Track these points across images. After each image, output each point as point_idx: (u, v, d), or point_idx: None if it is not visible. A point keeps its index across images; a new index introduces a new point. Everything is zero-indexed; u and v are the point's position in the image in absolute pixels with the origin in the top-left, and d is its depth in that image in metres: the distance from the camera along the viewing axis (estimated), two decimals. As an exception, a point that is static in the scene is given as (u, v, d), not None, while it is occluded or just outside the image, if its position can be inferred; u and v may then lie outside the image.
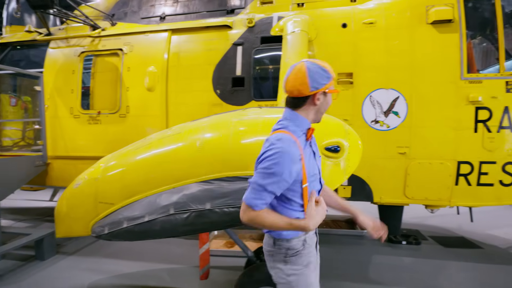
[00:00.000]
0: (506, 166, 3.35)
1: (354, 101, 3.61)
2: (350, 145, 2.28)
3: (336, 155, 2.17)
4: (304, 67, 1.47)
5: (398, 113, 3.52)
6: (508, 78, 3.29)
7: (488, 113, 3.33)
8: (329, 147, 2.15)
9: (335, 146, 2.16)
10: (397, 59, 3.52)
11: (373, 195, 3.70)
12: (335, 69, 3.68)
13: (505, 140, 3.31)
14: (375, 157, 3.60)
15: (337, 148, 2.16)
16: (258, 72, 4.07)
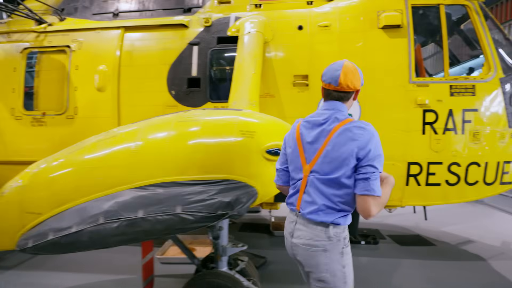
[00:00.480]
0: (451, 166, 3.50)
1: (309, 103, 3.62)
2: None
3: (277, 158, 2.12)
4: (354, 65, 1.73)
5: (351, 115, 3.57)
6: (452, 82, 3.45)
7: (435, 116, 3.46)
8: (270, 150, 2.10)
9: (275, 149, 2.11)
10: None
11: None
12: (290, 71, 3.68)
13: (450, 142, 3.46)
14: (331, 159, 3.62)
15: (277, 151, 2.11)
16: (214, 73, 3.98)
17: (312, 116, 1.74)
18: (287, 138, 1.82)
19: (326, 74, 1.69)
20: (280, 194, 3.90)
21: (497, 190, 3.57)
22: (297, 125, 1.77)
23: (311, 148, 1.61)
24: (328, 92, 1.69)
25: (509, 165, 3.50)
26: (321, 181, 1.57)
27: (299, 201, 1.65)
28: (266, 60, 3.68)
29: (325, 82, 1.68)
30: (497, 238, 4.86)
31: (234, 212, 1.96)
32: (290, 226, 1.70)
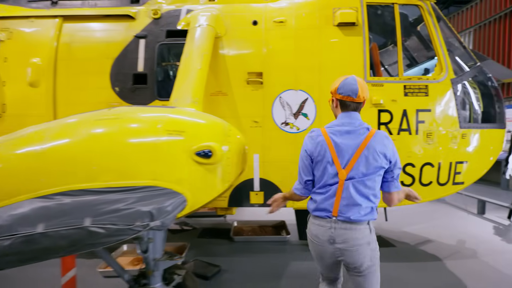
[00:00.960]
0: (406, 167, 3.47)
1: (264, 102, 3.45)
2: (230, 150, 2.05)
3: (208, 161, 1.90)
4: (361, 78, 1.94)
5: (307, 115, 3.44)
6: (406, 82, 3.42)
7: (389, 116, 3.41)
8: (199, 152, 1.88)
9: (206, 151, 1.89)
10: (306, 59, 3.44)
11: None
12: (244, 68, 3.48)
13: (405, 142, 3.42)
14: (287, 160, 3.47)
15: (208, 153, 1.89)
16: (162, 69, 3.71)
17: (337, 125, 1.86)
18: (314, 147, 1.85)
19: (343, 87, 1.85)
20: (235, 198, 3.75)
21: (450, 191, 3.59)
22: (324, 134, 1.84)
23: (346, 154, 1.76)
24: (347, 104, 1.85)
25: (461, 165, 3.53)
26: (360, 183, 1.74)
27: (336, 206, 1.75)
28: (219, 56, 3.47)
29: (342, 94, 1.84)
30: (453, 237, 4.95)
31: (157, 223, 1.71)
32: (326, 233, 1.77)
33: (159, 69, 3.60)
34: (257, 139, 3.45)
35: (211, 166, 1.92)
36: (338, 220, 1.73)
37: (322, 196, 1.79)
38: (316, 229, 1.81)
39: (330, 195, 1.76)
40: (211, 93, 3.45)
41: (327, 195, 1.77)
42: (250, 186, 3.53)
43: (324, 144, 1.79)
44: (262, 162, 3.47)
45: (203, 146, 1.88)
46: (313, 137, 1.86)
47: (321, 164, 1.79)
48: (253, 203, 3.58)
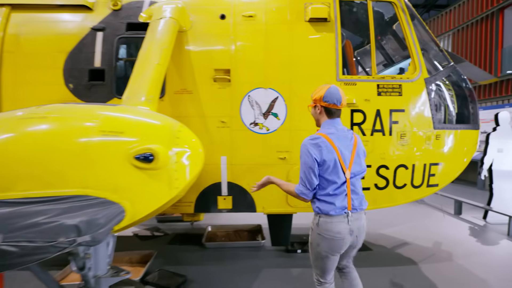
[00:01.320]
0: (380, 169, 3.35)
1: (231, 101, 3.24)
2: (179, 153, 1.83)
3: (150, 166, 1.68)
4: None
5: (277, 114, 3.26)
6: (379, 81, 3.30)
7: (363, 116, 3.28)
8: (139, 155, 1.65)
9: (147, 154, 1.66)
10: (276, 56, 3.27)
11: (256, 205, 3.37)
12: (211, 64, 3.25)
13: (378, 144, 3.30)
14: (256, 163, 3.28)
15: (149, 157, 1.67)
16: (122, 64, 3.45)
17: (331, 132, 2.06)
18: (322, 152, 1.99)
19: (329, 96, 2.05)
20: (202, 203, 3.52)
21: (424, 193, 3.49)
22: (328, 139, 2.02)
23: (346, 155, 2.03)
24: (333, 111, 2.09)
25: (436, 167, 3.44)
26: (357, 179, 2.09)
27: (349, 202, 2.01)
28: (183, 51, 3.24)
29: (328, 102, 2.06)
30: (430, 239, 4.91)
31: (86, 238, 1.48)
32: (347, 227, 2.00)
33: (118, 64, 3.33)
34: (224, 141, 3.25)
35: (154, 171, 1.70)
36: (352, 213, 2.00)
37: (338, 197, 2.00)
38: (337, 226, 1.99)
39: (344, 194, 2.00)
40: (175, 91, 3.22)
41: (342, 195, 2.00)
42: (218, 191, 3.31)
43: (331, 149, 1.99)
44: (230, 164, 3.27)
45: (143, 149, 1.65)
46: (319, 143, 2.00)
47: (332, 168, 1.98)
48: (221, 208, 3.36)
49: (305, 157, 1.98)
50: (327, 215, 1.97)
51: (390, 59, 4.54)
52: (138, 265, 3.83)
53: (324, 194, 1.99)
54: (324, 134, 2.02)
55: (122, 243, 4.74)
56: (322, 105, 2.06)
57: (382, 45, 4.39)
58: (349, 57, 3.58)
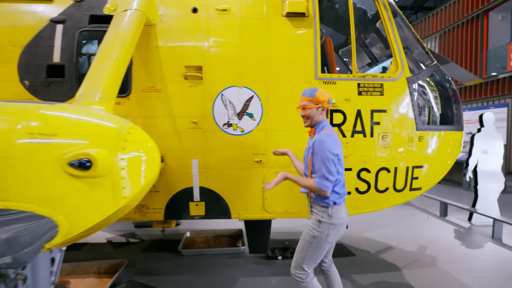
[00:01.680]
0: (361, 172, 3.19)
1: (204, 100, 3.03)
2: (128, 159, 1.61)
3: (88, 173, 1.45)
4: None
5: (252, 115, 3.07)
6: (360, 80, 3.15)
7: (342, 117, 3.12)
8: (74, 161, 1.42)
9: (84, 160, 1.43)
10: (251, 53, 3.07)
11: (230, 211, 3.16)
12: (182, 61, 3.02)
13: (359, 146, 3.14)
14: (230, 166, 3.07)
15: (86, 163, 1.44)
16: (84, 60, 3.19)
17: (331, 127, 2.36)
18: (338, 145, 2.24)
19: (330, 100, 2.38)
20: (172, 210, 3.27)
21: (407, 197, 3.36)
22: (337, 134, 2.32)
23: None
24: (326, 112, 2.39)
25: (419, 170, 3.31)
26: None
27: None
28: (152, 47, 3.01)
29: (330, 105, 2.39)
30: (415, 243, 4.80)
31: (6, 260, 1.25)
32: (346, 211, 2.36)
33: (80, 60, 3.08)
34: (196, 143, 3.03)
35: (94, 179, 1.47)
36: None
37: (343, 187, 2.28)
38: (344, 210, 2.29)
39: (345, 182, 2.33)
40: (142, 89, 2.99)
41: (345, 182, 2.32)
42: (189, 196, 3.09)
43: (340, 143, 2.27)
44: (203, 168, 3.05)
45: (79, 154, 1.42)
46: (337, 139, 2.24)
47: (341, 160, 2.23)
48: (194, 215, 3.15)
49: (327, 152, 2.11)
50: (338, 203, 2.22)
51: (374, 58, 4.41)
52: (106, 276, 3.57)
53: (339, 186, 2.21)
54: (333, 132, 2.27)
55: (92, 251, 4.47)
56: (326, 107, 2.32)
57: (364, 43, 4.25)
58: (329, 54, 3.42)
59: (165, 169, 3.03)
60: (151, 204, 3.09)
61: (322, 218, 2.20)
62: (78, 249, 4.45)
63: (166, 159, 3.02)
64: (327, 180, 2.11)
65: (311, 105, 2.26)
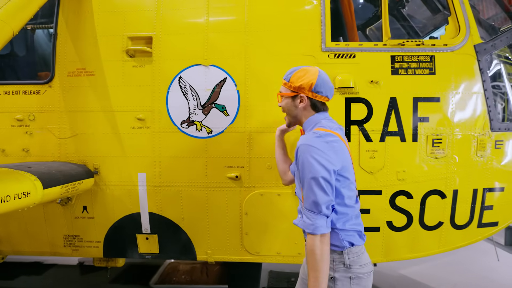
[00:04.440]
0: (397, 198, 2.03)
1: (154, 87, 2.06)
2: None
3: None
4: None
5: (225, 107, 2.04)
6: (395, 50, 1.99)
7: (366, 110, 1.99)
8: None
9: None
10: (223, 14, 2.06)
11: (195, 249, 2.16)
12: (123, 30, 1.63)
13: (393, 156, 1.99)
14: (192, 184, 2.08)
15: None
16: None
17: (334, 125, 1.47)
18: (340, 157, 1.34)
19: (323, 86, 1.46)
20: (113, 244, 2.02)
21: (473, 237, 2.12)
22: (340, 137, 1.42)
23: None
24: (320, 107, 1.49)
25: (493, 195, 2.06)
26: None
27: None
28: (82, 12, 2.12)
29: (320, 94, 1.46)
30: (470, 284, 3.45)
31: None
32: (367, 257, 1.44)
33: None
34: (142, 149, 2.08)
35: None
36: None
37: (359, 219, 1.45)
38: (366, 255, 1.44)
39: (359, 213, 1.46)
40: (69, 72, 2.11)
41: (357, 213, 1.45)
42: (136, 226, 2.15)
43: (347, 152, 1.41)
44: (152, 186, 2.09)
45: None
46: (334, 144, 1.35)
47: (350, 178, 1.39)
48: (143, 253, 2.20)
49: (313, 168, 1.28)
50: (357, 247, 1.39)
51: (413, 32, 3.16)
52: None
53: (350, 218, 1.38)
54: (332, 131, 1.39)
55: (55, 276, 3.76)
56: (309, 97, 1.45)
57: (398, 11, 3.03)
58: (346, 14, 2.29)
59: (101, 187, 2.12)
60: (84, 235, 2.19)
61: (335, 272, 1.35)
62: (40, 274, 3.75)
63: (101, 172, 2.11)
64: (315, 215, 1.28)
65: (286, 92, 1.50)
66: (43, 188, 1.58)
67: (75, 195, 2.13)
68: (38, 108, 2.12)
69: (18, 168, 1.62)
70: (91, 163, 2.11)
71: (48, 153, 2.14)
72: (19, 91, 2.15)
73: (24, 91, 2.14)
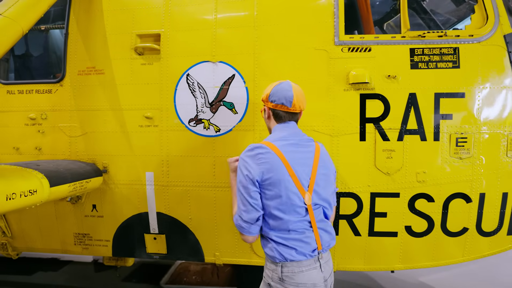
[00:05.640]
0: (417, 201, 1.89)
1: (162, 84, 2.03)
2: None
3: None
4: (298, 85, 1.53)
5: (233, 105, 1.98)
6: (415, 43, 1.85)
7: (382, 106, 1.86)
8: None
9: None
10: (231, 9, 2.00)
11: (203, 251, 2.11)
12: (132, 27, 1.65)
13: (412, 156, 1.85)
14: (200, 184, 2.03)
15: None
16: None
17: (283, 134, 1.46)
18: (263, 169, 1.35)
19: (275, 94, 1.47)
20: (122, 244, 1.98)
21: (501, 245, 1.95)
22: (275, 149, 1.39)
23: (303, 173, 1.40)
24: (281, 115, 1.49)
25: (526, 199, 1.89)
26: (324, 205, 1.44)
27: (318, 239, 1.40)
28: (92, 11, 2.12)
29: (274, 102, 1.47)
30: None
31: None
32: (320, 275, 1.38)
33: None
34: (151, 148, 2.05)
35: None
36: (322, 254, 1.41)
37: (300, 234, 1.37)
38: (310, 276, 1.36)
39: (308, 228, 1.39)
40: (80, 71, 2.11)
41: (306, 229, 1.38)
42: (144, 225, 2.13)
43: (279, 164, 1.37)
44: (160, 186, 2.06)
45: None
46: (260, 155, 1.36)
47: (280, 192, 1.35)
48: (151, 253, 2.17)
49: (240, 177, 1.38)
50: (294, 262, 1.36)
51: (434, 25, 2.97)
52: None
53: (281, 231, 1.37)
54: (269, 143, 1.41)
55: (71, 272, 3.83)
56: (269, 107, 1.51)
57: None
58: (361, 6, 2.16)
59: (109, 185, 2.11)
60: (94, 233, 2.20)
61: (272, 281, 1.37)
62: (56, 270, 3.84)
63: (110, 171, 2.10)
64: (242, 220, 1.38)
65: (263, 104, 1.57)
66: (50, 186, 1.58)
67: (85, 194, 2.14)
68: (50, 107, 2.15)
69: (27, 166, 1.62)
70: (100, 161, 2.11)
71: (59, 151, 2.16)
72: (32, 90, 2.18)
73: (37, 90, 2.18)
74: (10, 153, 2.18)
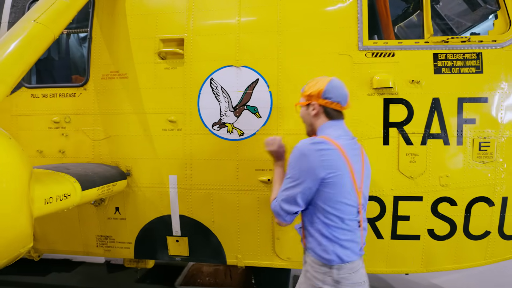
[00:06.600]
0: (440, 205, 1.91)
1: (185, 89, 2.05)
2: None
3: None
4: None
5: (257, 109, 2.00)
6: (438, 48, 1.88)
7: (406, 111, 1.88)
8: None
9: None
10: (255, 14, 2.02)
11: (225, 253, 2.13)
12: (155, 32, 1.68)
13: (436, 160, 1.87)
14: (223, 187, 2.05)
15: None
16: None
17: (340, 133, 1.44)
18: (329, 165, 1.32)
19: (332, 92, 1.45)
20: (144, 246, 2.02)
21: (524, 249, 1.97)
22: (338, 146, 1.36)
23: (357, 173, 1.40)
24: (333, 112, 1.46)
25: (547, 203, 1.90)
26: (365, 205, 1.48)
27: (362, 238, 1.43)
28: (116, 15, 2.15)
29: (332, 100, 1.45)
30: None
31: None
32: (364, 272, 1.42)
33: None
34: (174, 151, 2.08)
35: None
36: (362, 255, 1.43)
37: (354, 234, 1.38)
38: (361, 274, 1.39)
39: (357, 228, 1.40)
40: (103, 75, 2.14)
41: (356, 228, 1.39)
42: (167, 228, 2.15)
43: (343, 163, 1.34)
44: (184, 189, 2.08)
45: None
46: (324, 152, 1.33)
47: (341, 191, 1.34)
48: (173, 255, 2.19)
49: (294, 169, 1.34)
50: (349, 263, 1.34)
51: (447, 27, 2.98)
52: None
53: (338, 230, 1.33)
54: (332, 139, 1.36)
55: (84, 273, 3.85)
56: (320, 104, 1.46)
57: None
58: (381, 12, 2.18)
59: (133, 188, 2.14)
60: (116, 235, 2.22)
61: (325, 284, 1.33)
62: (69, 271, 3.87)
63: (133, 174, 2.12)
64: (281, 208, 1.39)
65: (302, 101, 1.54)
66: (81, 190, 1.60)
67: (108, 196, 2.16)
68: (73, 111, 2.17)
69: (57, 170, 1.64)
70: (124, 164, 2.13)
71: (82, 154, 2.18)
72: (56, 94, 2.21)
73: (61, 94, 2.20)
74: (34, 156, 2.20)
